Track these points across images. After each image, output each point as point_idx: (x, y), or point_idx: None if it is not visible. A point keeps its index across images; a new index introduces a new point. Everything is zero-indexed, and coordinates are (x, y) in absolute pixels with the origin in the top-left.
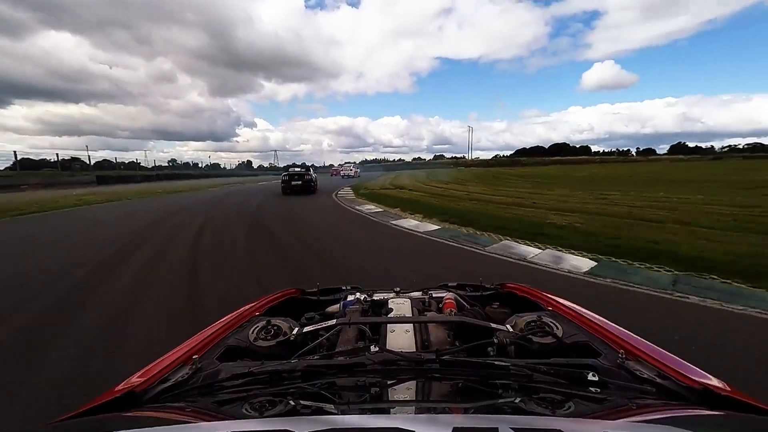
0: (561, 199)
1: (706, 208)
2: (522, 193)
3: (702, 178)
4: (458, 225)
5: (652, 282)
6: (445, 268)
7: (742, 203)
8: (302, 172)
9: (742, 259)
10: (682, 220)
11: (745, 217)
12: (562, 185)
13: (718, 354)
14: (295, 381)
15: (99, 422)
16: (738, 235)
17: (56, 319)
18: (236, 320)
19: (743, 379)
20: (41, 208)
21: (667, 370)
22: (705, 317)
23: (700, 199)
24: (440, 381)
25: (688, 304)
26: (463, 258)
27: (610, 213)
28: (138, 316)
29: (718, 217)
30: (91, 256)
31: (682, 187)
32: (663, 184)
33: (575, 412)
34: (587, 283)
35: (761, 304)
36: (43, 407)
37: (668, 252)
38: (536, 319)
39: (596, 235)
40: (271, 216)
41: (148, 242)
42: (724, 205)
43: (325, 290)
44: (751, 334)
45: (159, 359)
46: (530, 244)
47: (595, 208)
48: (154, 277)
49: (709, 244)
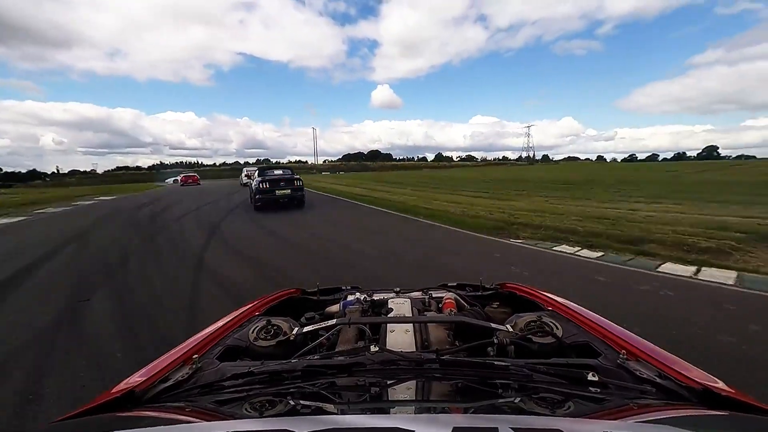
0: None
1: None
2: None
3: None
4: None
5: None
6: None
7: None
8: (288, 175)
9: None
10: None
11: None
12: (459, 189)
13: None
14: (295, 381)
15: (99, 422)
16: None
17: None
18: (236, 320)
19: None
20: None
21: (667, 370)
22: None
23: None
24: (440, 381)
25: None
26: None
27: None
28: None
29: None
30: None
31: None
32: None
33: (575, 412)
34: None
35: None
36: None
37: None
38: (536, 319)
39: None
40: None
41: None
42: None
43: (325, 290)
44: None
45: (159, 359)
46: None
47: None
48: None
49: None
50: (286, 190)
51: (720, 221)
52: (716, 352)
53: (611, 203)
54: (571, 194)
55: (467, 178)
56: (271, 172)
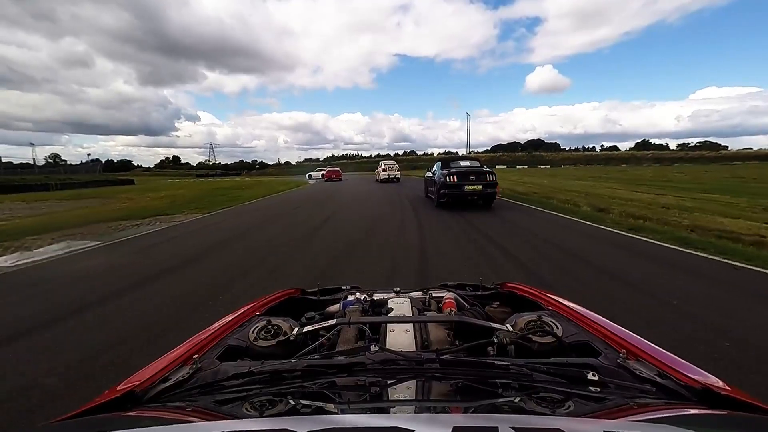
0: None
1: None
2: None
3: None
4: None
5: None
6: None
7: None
8: (478, 168)
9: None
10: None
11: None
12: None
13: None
14: (296, 380)
15: (99, 422)
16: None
17: None
18: (236, 320)
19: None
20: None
21: (668, 369)
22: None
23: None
24: (440, 380)
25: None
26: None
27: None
28: None
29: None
30: None
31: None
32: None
33: (575, 412)
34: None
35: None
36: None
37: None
38: (536, 318)
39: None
40: None
41: None
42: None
43: (325, 290)
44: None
45: (159, 359)
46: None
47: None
48: None
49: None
50: (477, 186)
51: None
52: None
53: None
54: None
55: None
56: (457, 164)
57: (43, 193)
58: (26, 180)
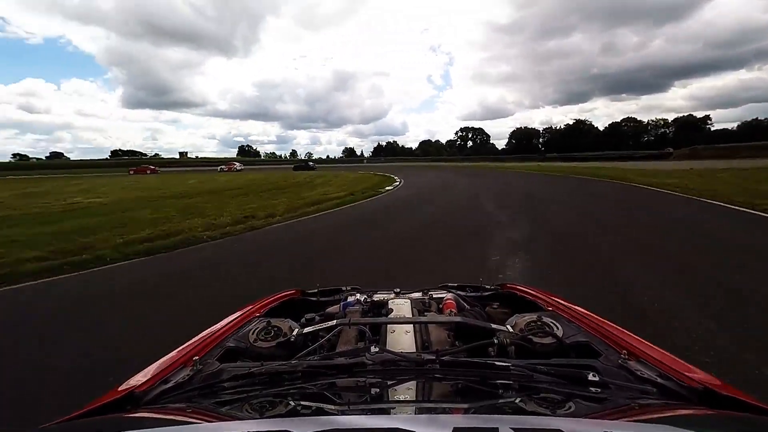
0: None
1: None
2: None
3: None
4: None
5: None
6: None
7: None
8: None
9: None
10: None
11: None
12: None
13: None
14: (296, 381)
15: (100, 423)
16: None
17: None
18: (236, 321)
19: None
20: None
21: (668, 370)
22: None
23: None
24: (440, 381)
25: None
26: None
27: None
28: None
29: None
30: None
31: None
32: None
33: (576, 412)
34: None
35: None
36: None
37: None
38: (536, 319)
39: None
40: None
41: None
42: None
43: (325, 291)
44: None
45: (159, 360)
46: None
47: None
48: None
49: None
50: None
51: None
52: None
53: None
54: None
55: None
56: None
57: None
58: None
